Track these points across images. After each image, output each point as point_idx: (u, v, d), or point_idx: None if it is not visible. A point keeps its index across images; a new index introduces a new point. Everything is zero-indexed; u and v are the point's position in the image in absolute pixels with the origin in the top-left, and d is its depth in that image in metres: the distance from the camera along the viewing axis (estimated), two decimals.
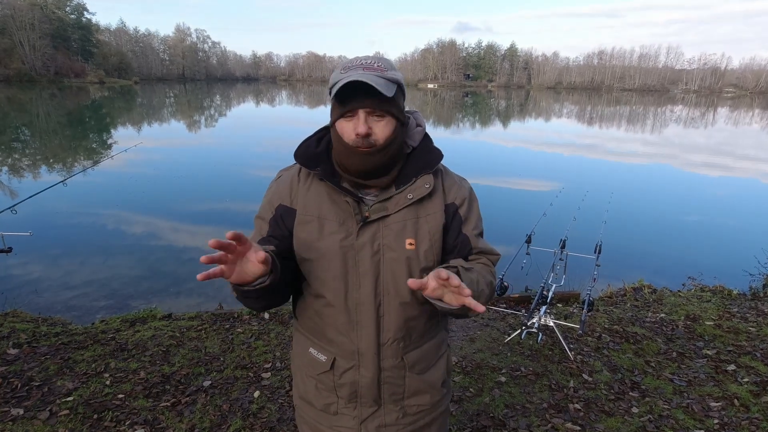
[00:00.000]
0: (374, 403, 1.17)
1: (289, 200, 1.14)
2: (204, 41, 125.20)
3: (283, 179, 1.18)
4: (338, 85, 0.99)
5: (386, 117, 1.04)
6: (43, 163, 11.80)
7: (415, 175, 1.11)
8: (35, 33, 63.29)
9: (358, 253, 1.08)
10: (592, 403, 2.73)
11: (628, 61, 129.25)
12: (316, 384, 1.20)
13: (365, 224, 1.08)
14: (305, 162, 1.12)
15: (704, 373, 3.05)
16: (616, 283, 4.96)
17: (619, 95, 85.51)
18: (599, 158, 14.92)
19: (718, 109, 51.27)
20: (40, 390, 2.66)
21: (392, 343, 1.13)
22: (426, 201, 1.12)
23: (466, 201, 1.17)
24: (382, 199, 1.10)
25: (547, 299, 3.29)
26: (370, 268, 1.08)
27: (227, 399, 2.67)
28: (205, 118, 27.08)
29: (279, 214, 1.14)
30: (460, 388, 2.85)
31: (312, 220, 1.10)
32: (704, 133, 25.01)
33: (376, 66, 1.03)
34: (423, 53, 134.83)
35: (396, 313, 1.11)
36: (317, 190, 1.12)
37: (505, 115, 35.74)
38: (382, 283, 1.09)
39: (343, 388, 1.17)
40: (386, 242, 1.08)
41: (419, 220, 1.11)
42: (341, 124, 1.05)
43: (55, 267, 5.40)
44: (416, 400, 1.20)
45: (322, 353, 1.17)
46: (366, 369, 1.14)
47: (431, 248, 1.11)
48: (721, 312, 4.02)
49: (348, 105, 1.01)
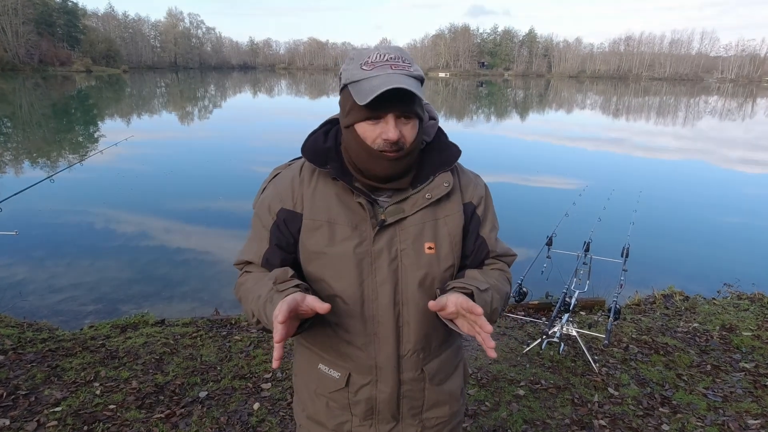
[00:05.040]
0: (392, 419, 1.17)
1: (291, 203, 1.09)
2: (198, 27, 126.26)
3: (282, 179, 1.13)
4: (372, 90, 0.94)
5: (413, 119, 1.03)
6: (28, 158, 11.94)
7: (433, 173, 1.10)
8: (18, 18, 64.09)
9: (375, 261, 1.06)
10: (618, 420, 2.72)
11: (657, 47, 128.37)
12: (328, 402, 1.17)
13: (381, 228, 1.06)
14: (314, 158, 1.08)
15: (741, 388, 3.03)
16: (644, 290, 4.94)
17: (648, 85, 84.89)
18: (626, 153, 14.83)
19: (757, 99, 50.72)
20: (26, 399, 2.70)
21: (412, 354, 1.12)
22: (444, 201, 1.11)
23: (483, 200, 1.18)
24: (398, 200, 1.08)
25: (569, 306, 3.29)
26: (388, 276, 1.06)
27: (225, 411, 2.70)
28: (198, 110, 27.27)
29: (281, 219, 1.10)
30: (476, 402, 2.86)
31: (321, 225, 1.07)
32: (742, 126, 24.76)
33: (402, 63, 1.00)
34: (434, 39, 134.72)
35: (416, 322, 1.10)
36: (325, 190, 1.09)
37: (524, 106, 35.62)
38: (401, 292, 1.08)
39: (358, 406, 1.15)
40: (404, 247, 1.07)
41: (438, 222, 1.10)
42: (363, 127, 1.01)
43: (41, 268, 5.47)
44: (435, 413, 1.20)
45: (334, 369, 1.15)
46: (384, 384, 1.12)
47: (451, 252, 1.11)
48: (761, 322, 3.99)
49: (377, 109, 0.98)
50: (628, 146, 16.30)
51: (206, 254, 6.06)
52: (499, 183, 9.87)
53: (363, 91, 0.97)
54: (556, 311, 3.21)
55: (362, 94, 0.96)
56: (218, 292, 4.93)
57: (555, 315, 3.21)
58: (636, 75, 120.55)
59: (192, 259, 5.93)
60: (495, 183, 9.65)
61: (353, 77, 1.00)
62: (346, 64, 1.05)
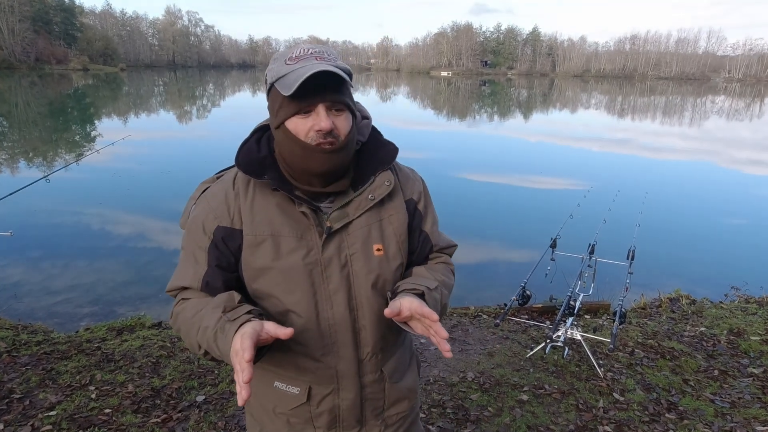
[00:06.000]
0: (357, 423, 1.18)
1: (228, 219, 1.05)
2: (196, 25, 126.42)
3: (214, 194, 1.09)
4: (298, 79, 0.94)
5: (345, 111, 1.03)
6: (23, 158, 11.98)
7: (373, 173, 1.11)
8: (14, 16, 64.26)
9: (325, 269, 1.05)
10: (623, 426, 2.72)
11: (664, 46, 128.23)
12: (288, 419, 1.16)
13: (329, 235, 1.06)
14: (249, 169, 1.05)
15: (750, 393, 3.02)
16: (650, 293, 4.93)
17: (653, 84, 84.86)
18: (632, 154, 14.83)
19: (765, 99, 50.67)
20: (21, 403, 2.70)
21: (371, 357, 1.13)
22: (387, 201, 1.12)
23: (422, 195, 1.20)
24: (340, 204, 1.08)
25: (573, 310, 3.28)
26: (341, 283, 1.06)
27: (222, 416, 2.70)
28: (197, 109, 27.33)
29: (219, 238, 1.05)
30: (478, 407, 2.85)
31: (264, 239, 1.04)
32: (750, 127, 24.73)
33: (327, 56, 1.01)
34: (436, 37, 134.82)
35: (372, 325, 1.10)
36: (264, 202, 1.06)
37: (527, 106, 35.63)
38: (355, 297, 1.08)
39: (321, 417, 1.14)
40: (353, 252, 1.07)
41: (382, 222, 1.11)
42: (295, 122, 1.00)
43: (36, 270, 5.48)
44: (396, 409, 1.22)
45: (293, 385, 1.13)
46: (347, 391, 1.13)
47: (399, 251, 1.13)
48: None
49: (305, 100, 0.98)
50: (633, 147, 16.30)
51: None
52: (502, 184, 9.80)
53: (289, 82, 0.97)
54: (560, 315, 3.21)
55: (288, 85, 0.96)
56: None
57: (559, 318, 3.21)
58: (642, 74, 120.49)
59: None
60: (498, 184, 9.71)
61: (279, 74, 1.00)
62: (271, 65, 1.05)
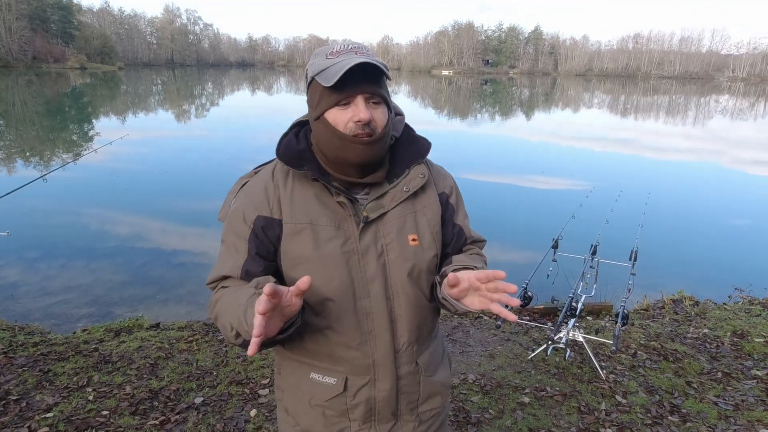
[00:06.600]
0: (392, 417, 1.19)
1: (268, 209, 1.10)
2: (195, 23, 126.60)
3: (254, 187, 1.14)
4: (340, 70, 0.98)
5: (382, 104, 1.08)
6: (20, 157, 11.98)
7: (407, 166, 1.16)
8: (11, 14, 64.29)
9: (362, 257, 1.09)
10: (626, 428, 2.71)
11: (667, 45, 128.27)
12: (324, 411, 1.17)
13: (365, 225, 1.10)
14: (290, 161, 1.10)
15: (753, 396, 3.02)
16: (653, 294, 4.93)
17: (657, 83, 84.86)
18: (635, 154, 14.82)
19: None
20: (17, 405, 2.70)
21: (407, 348, 1.16)
22: (420, 193, 1.17)
23: (453, 190, 1.26)
24: (376, 195, 1.12)
25: (575, 311, 3.28)
26: (378, 271, 1.10)
27: (221, 418, 2.70)
28: (195, 108, 27.34)
29: (259, 227, 1.09)
30: (479, 409, 2.85)
31: (304, 228, 1.08)
32: (754, 126, 24.73)
33: (365, 51, 1.06)
34: (437, 36, 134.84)
35: (408, 315, 1.14)
36: (302, 192, 1.10)
37: (529, 105, 35.63)
38: (392, 286, 1.11)
39: (357, 409, 1.16)
40: (389, 241, 1.11)
41: (417, 214, 1.16)
42: (334, 113, 1.05)
43: (33, 270, 5.48)
44: (429, 404, 1.24)
45: (329, 376, 1.15)
46: (383, 381, 1.14)
47: (434, 241, 1.17)
48: None
49: (345, 91, 1.02)
50: (636, 147, 16.30)
51: (203, 256, 6.06)
52: (504, 184, 9.78)
53: (330, 74, 1.01)
54: (562, 316, 3.21)
55: (330, 76, 1.01)
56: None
57: (561, 320, 3.20)
58: (645, 73, 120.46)
59: (188, 261, 5.94)
60: (499, 184, 9.70)
61: (320, 67, 1.05)
62: (312, 59, 1.10)
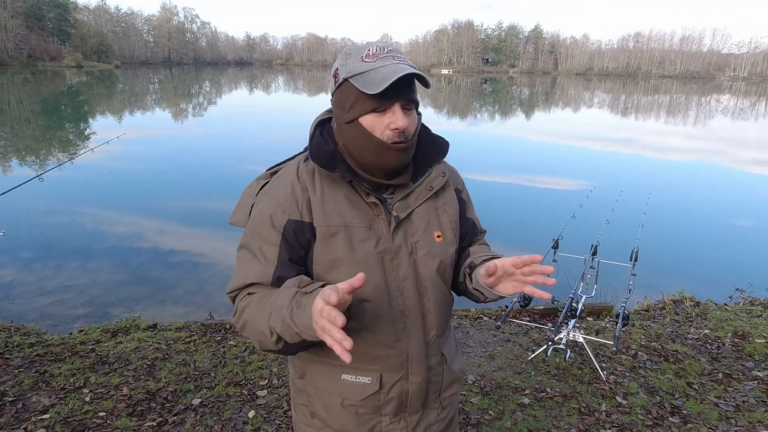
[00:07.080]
0: (421, 407, 1.22)
1: (298, 213, 1.07)
2: (192, 21, 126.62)
3: (280, 189, 1.11)
4: (385, 78, 0.98)
5: (413, 110, 1.10)
6: (16, 156, 11.97)
7: (429, 165, 1.19)
8: (7, 12, 64.23)
9: (395, 257, 1.11)
10: (626, 429, 2.72)
11: (668, 44, 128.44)
12: (357, 410, 1.17)
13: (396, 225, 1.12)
14: (324, 163, 1.08)
15: (754, 397, 3.03)
16: (654, 295, 4.93)
17: (657, 83, 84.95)
18: (635, 154, 14.84)
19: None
20: (13, 406, 2.70)
21: (435, 340, 1.20)
22: (440, 191, 1.21)
23: (463, 185, 1.32)
24: (403, 195, 1.15)
25: (576, 312, 3.28)
26: (409, 270, 1.13)
27: (219, 419, 2.70)
28: (193, 107, 27.30)
29: (290, 232, 1.07)
30: (479, 411, 2.86)
31: (338, 231, 1.07)
32: (756, 126, 24.77)
33: (400, 54, 1.07)
34: (437, 35, 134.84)
35: (436, 309, 1.18)
36: (332, 194, 1.09)
37: (529, 104, 35.65)
38: (422, 282, 1.15)
39: (389, 404, 1.17)
40: (417, 239, 1.15)
41: (438, 211, 1.20)
42: (371, 119, 1.04)
43: (29, 270, 5.47)
44: (450, 391, 1.29)
45: (363, 376, 1.15)
46: (415, 374, 1.17)
47: (454, 236, 1.22)
48: None
49: (385, 99, 1.01)
50: (637, 146, 16.31)
51: (200, 256, 6.06)
52: (503, 184, 9.77)
53: (374, 80, 1.00)
54: (562, 317, 3.21)
55: (373, 83, 1.00)
56: (212, 296, 4.93)
57: (561, 321, 3.21)
58: (645, 72, 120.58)
59: (186, 261, 5.93)
60: (499, 184, 9.70)
61: (356, 70, 1.04)
62: (343, 59, 1.08)
